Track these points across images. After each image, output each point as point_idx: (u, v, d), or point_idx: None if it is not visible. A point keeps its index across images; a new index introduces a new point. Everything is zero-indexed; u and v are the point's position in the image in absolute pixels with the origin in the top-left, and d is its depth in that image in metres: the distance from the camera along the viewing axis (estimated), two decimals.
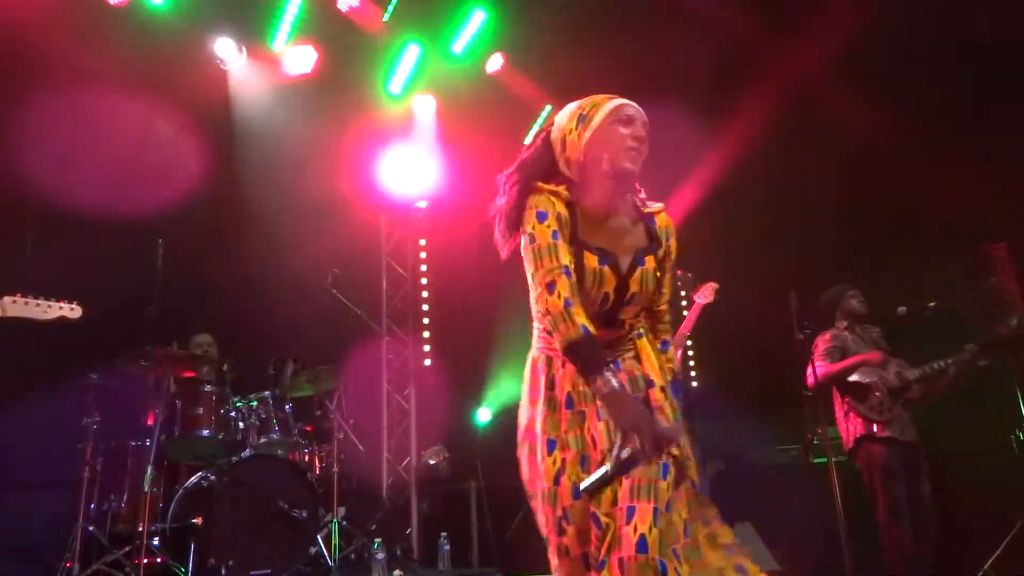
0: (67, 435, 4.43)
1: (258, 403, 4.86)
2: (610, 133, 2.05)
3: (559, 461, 1.94)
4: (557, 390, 1.99)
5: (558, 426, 1.96)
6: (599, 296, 2.00)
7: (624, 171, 2.05)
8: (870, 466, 4.19)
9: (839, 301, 4.49)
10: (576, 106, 2.12)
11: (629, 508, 1.83)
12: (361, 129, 6.59)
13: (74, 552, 4.05)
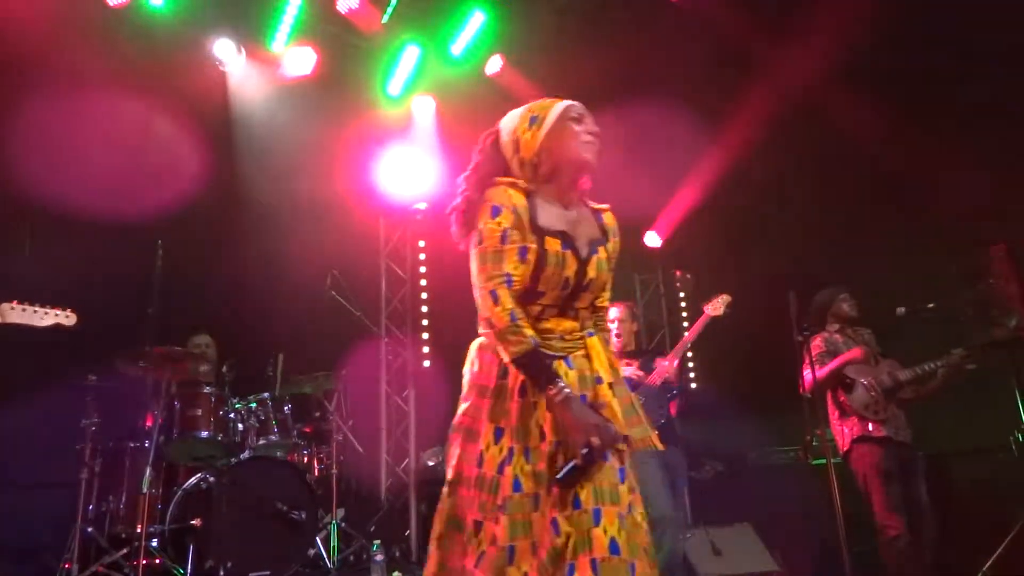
0: (66, 436, 4.43)
1: (257, 404, 4.86)
2: (565, 130, 2.16)
3: (505, 450, 1.95)
4: (510, 379, 2.01)
5: (507, 415, 1.98)
6: (560, 280, 2.05)
7: (584, 162, 2.18)
8: (865, 467, 4.15)
9: (830, 304, 4.48)
10: (525, 109, 2.22)
11: (595, 510, 1.86)
12: (360, 130, 6.59)
13: (73, 553, 4.05)
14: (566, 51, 6.52)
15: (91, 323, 4.83)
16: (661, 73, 6.30)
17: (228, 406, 4.74)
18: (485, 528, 1.91)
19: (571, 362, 2.05)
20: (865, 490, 4.14)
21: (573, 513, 1.86)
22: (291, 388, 5.14)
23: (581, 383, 2.03)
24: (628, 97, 6.28)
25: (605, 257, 2.15)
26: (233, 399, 4.81)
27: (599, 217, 2.25)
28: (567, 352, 2.06)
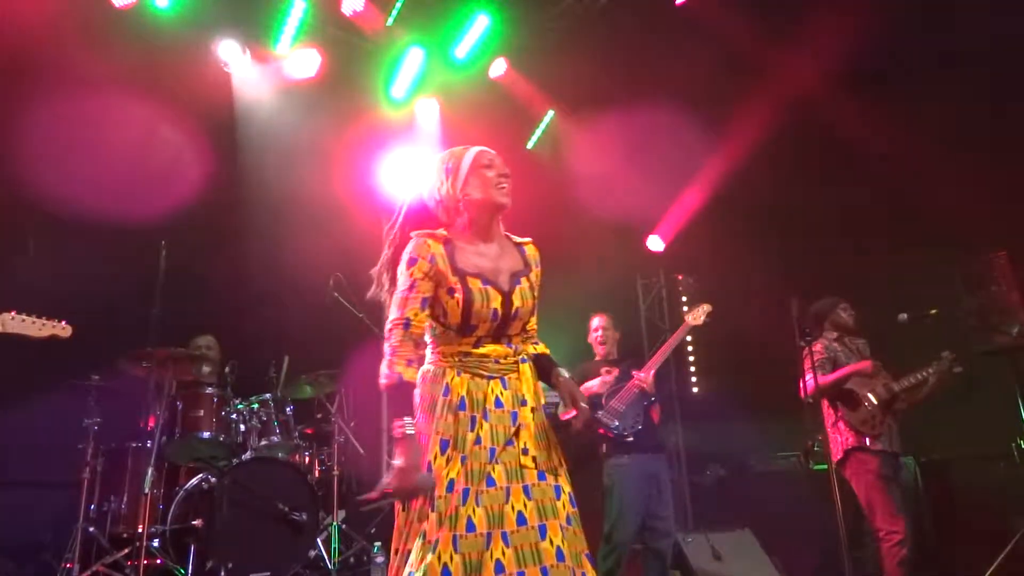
0: (68, 436, 4.44)
1: (259, 405, 4.86)
2: (478, 176, 2.39)
3: (452, 458, 2.18)
4: (452, 395, 2.25)
5: (451, 427, 2.22)
6: (489, 312, 2.29)
7: (498, 204, 2.39)
8: (865, 474, 4.18)
9: (829, 312, 4.53)
10: (439, 161, 2.45)
11: (541, 526, 2.15)
12: (364, 133, 6.60)
13: (74, 553, 4.05)
14: (569, 55, 6.53)
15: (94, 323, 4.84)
16: (664, 77, 6.30)
17: (230, 407, 4.75)
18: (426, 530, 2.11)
19: (506, 383, 2.31)
20: (865, 497, 4.16)
21: (519, 529, 2.12)
22: (293, 389, 5.14)
23: (513, 401, 2.29)
24: (631, 101, 6.30)
25: (528, 287, 2.39)
26: (235, 400, 4.82)
27: (522, 250, 2.47)
28: (503, 374, 2.31)
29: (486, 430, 2.21)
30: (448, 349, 2.32)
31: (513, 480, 2.19)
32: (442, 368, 2.30)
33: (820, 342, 4.40)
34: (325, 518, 4.86)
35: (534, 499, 2.17)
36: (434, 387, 2.28)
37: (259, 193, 6.02)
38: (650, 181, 6.91)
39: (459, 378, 2.27)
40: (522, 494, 2.17)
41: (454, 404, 2.24)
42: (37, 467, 4.86)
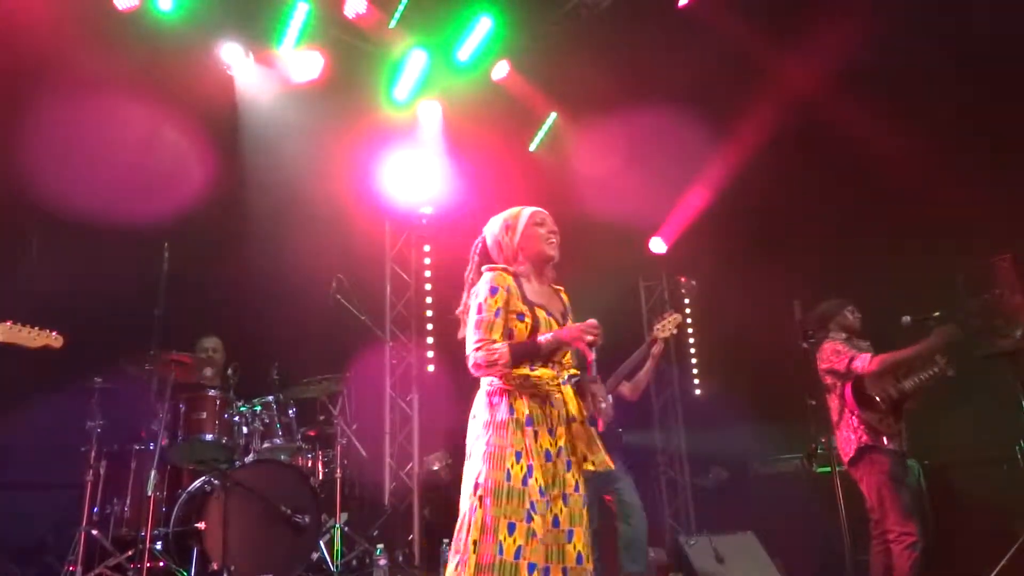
0: (71, 438, 4.44)
1: (262, 408, 4.86)
2: (533, 233, 2.84)
3: (526, 467, 2.55)
4: (517, 414, 2.62)
5: (522, 440, 2.58)
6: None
7: (548, 256, 2.85)
8: (878, 474, 4.14)
9: (835, 315, 4.50)
10: (502, 219, 2.91)
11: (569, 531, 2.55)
12: (366, 135, 6.61)
13: (77, 555, 4.06)
14: (572, 57, 6.54)
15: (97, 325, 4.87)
16: (667, 79, 6.31)
17: (233, 409, 4.75)
18: (518, 528, 2.48)
19: (554, 401, 2.67)
20: (877, 498, 4.12)
21: (552, 530, 2.52)
22: (295, 392, 5.14)
23: (559, 418, 2.67)
24: (634, 103, 6.30)
25: (572, 322, 2.81)
26: (238, 402, 4.82)
27: (560, 296, 2.92)
28: (551, 393, 2.68)
29: (549, 440, 2.62)
30: (509, 373, 2.66)
31: (554, 488, 2.58)
32: (505, 390, 2.67)
33: (831, 341, 4.39)
34: (327, 520, 4.86)
35: (569, 507, 2.57)
36: (500, 407, 2.65)
37: (262, 195, 6.02)
38: (653, 183, 6.91)
39: (520, 399, 2.64)
40: (560, 501, 2.57)
41: (521, 422, 2.61)
42: (40, 469, 4.86)
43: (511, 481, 2.52)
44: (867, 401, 4.26)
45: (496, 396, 2.68)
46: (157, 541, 4.25)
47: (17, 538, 4.64)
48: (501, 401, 2.66)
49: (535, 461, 2.56)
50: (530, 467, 2.54)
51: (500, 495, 2.51)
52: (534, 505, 2.49)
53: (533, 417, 2.62)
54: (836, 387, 4.32)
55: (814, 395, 4.28)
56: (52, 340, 3.49)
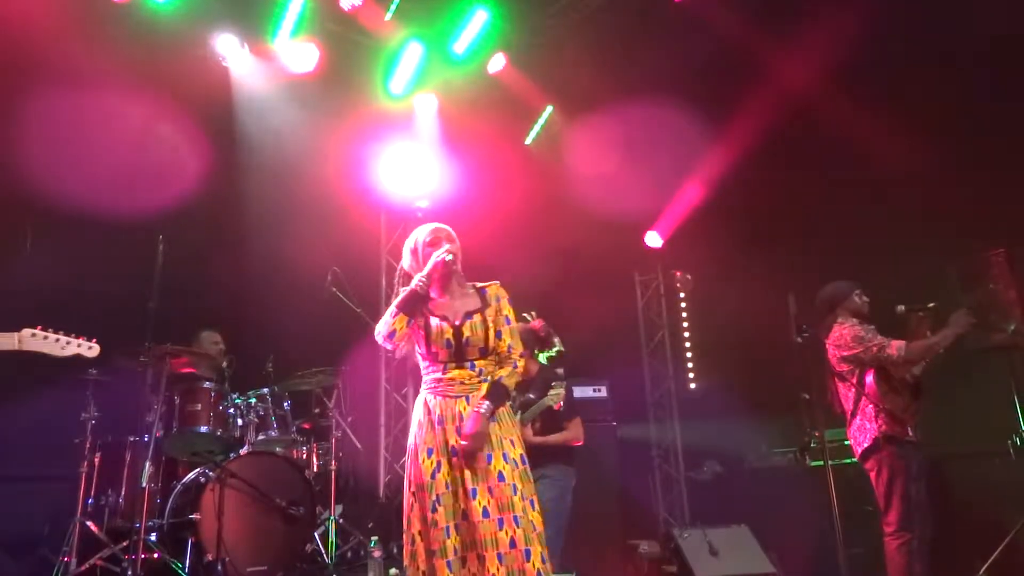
0: (66, 430, 4.44)
1: (256, 400, 4.87)
2: (429, 254, 3.05)
3: (434, 463, 2.82)
4: (432, 415, 2.89)
5: (433, 439, 2.85)
6: (443, 341, 2.94)
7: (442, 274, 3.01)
8: (893, 468, 4.01)
9: (844, 298, 4.36)
10: (408, 248, 3.17)
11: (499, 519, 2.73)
12: (362, 128, 6.60)
13: (72, 546, 4.06)
14: (569, 51, 6.53)
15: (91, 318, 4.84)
16: (662, 74, 6.30)
17: (227, 401, 4.75)
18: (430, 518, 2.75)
19: (469, 399, 2.89)
20: (886, 491, 4.02)
21: (483, 520, 2.71)
22: (290, 384, 5.14)
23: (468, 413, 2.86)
24: (630, 97, 6.30)
25: (481, 320, 2.97)
26: (232, 394, 4.82)
27: (483, 292, 3.07)
28: (467, 392, 2.90)
29: (455, 439, 2.82)
30: (427, 377, 2.98)
31: (479, 481, 2.77)
32: (423, 394, 2.97)
33: (847, 324, 4.23)
34: (322, 512, 4.87)
35: (495, 497, 2.75)
36: (419, 407, 2.95)
37: (257, 187, 6.01)
38: (648, 178, 6.91)
39: (435, 399, 2.91)
40: (487, 493, 2.76)
41: (433, 421, 2.87)
42: (35, 461, 4.86)
43: (424, 476, 2.80)
44: (892, 389, 4.14)
45: (419, 397, 2.99)
46: (152, 532, 4.25)
47: (12, 530, 4.63)
48: (420, 402, 2.97)
49: (443, 457, 2.82)
50: (439, 463, 2.81)
51: (421, 490, 2.79)
52: (439, 498, 2.76)
53: (444, 416, 2.87)
54: (853, 374, 4.18)
55: (808, 389, 4.27)
56: (85, 351, 3.09)
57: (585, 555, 4.91)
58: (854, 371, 4.18)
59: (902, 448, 4.03)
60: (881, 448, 4.04)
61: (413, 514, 2.80)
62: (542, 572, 2.70)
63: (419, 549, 2.75)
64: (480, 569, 2.67)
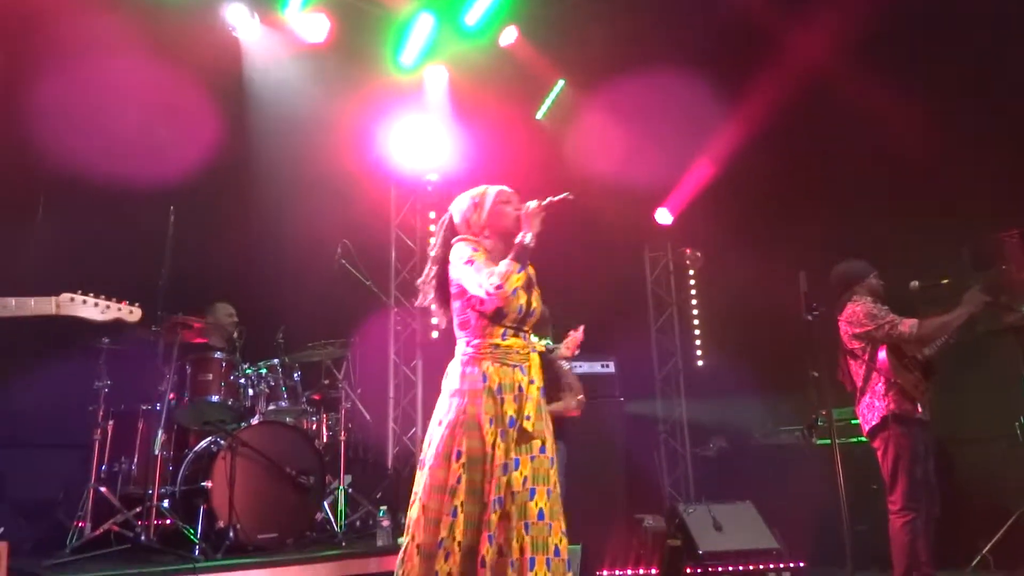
0: (79, 398, 4.49)
1: (267, 371, 4.90)
2: (500, 210, 2.98)
3: (495, 434, 2.73)
4: (489, 382, 2.77)
5: (492, 408, 2.75)
6: (516, 307, 2.83)
7: (515, 233, 2.91)
8: (900, 447, 4.02)
9: (863, 277, 4.34)
10: (469, 197, 3.06)
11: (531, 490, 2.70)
12: (373, 100, 6.56)
13: (86, 512, 4.12)
14: (580, 23, 6.45)
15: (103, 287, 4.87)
16: (675, 48, 6.22)
17: (238, 372, 4.79)
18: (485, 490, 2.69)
19: (524, 370, 2.84)
20: (892, 469, 4.03)
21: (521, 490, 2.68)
22: (301, 355, 5.18)
23: (529, 385, 2.82)
24: (642, 70, 6.23)
25: (537, 294, 2.95)
26: (243, 365, 4.86)
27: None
28: (521, 362, 2.85)
29: (515, 409, 2.76)
30: (482, 342, 2.83)
31: (521, 451, 2.73)
32: (477, 359, 2.81)
33: (861, 302, 4.22)
34: (332, 482, 4.93)
35: (533, 466, 2.73)
36: (474, 376, 2.80)
37: (267, 159, 6.00)
38: (659, 154, 6.87)
39: (492, 367, 2.79)
40: (528, 463, 2.73)
41: (492, 390, 2.76)
42: (50, 429, 4.92)
43: (486, 447, 2.71)
44: (905, 366, 4.13)
45: (470, 366, 2.83)
46: (164, 499, 4.32)
47: (28, 495, 4.72)
48: (475, 370, 2.81)
49: (502, 427, 2.74)
50: (501, 433, 2.73)
51: (475, 463, 2.70)
52: (495, 470, 2.68)
53: (503, 385, 2.78)
54: (865, 351, 4.17)
55: (817, 367, 4.26)
56: (126, 315, 2.96)
57: (590, 528, 4.95)
58: (866, 348, 4.17)
59: (910, 427, 4.04)
60: (889, 426, 4.04)
61: (460, 485, 2.67)
62: (559, 547, 2.69)
63: (460, 521, 2.65)
64: (507, 538, 2.64)
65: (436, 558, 2.63)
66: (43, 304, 2.91)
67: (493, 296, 2.74)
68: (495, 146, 6.62)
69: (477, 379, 2.79)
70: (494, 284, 2.73)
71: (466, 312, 2.86)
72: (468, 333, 2.87)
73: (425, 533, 2.69)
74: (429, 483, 2.75)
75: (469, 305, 2.85)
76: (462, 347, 2.88)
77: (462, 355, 2.87)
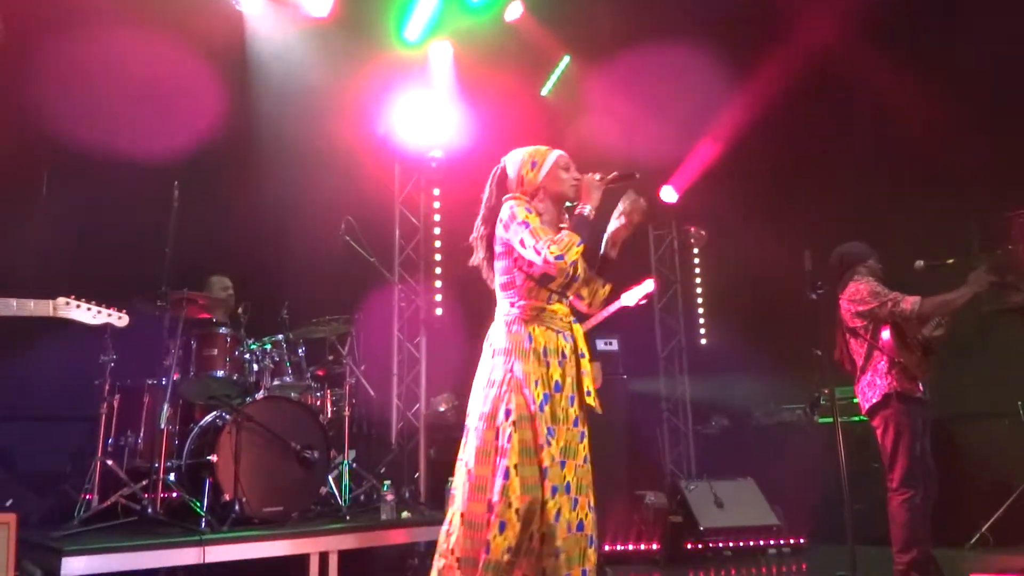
0: (86, 372, 4.51)
1: (272, 346, 4.92)
2: (558, 175, 2.90)
3: (540, 395, 2.64)
4: (535, 343, 2.71)
5: (538, 369, 2.68)
6: (567, 273, 2.76)
7: (570, 199, 2.90)
8: (900, 425, 4.03)
9: (866, 258, 4.35)
10: (527, 154, 2.93)
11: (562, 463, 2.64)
12: (377, 75, 6.52)
13: (93, 484, 4.16)
14: None
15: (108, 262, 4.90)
16: (682, 24, 6.17)
17: (243, 347, 4.81)
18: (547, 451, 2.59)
19: (567, 337, 2.80)
20: (892, 447, 4.05)
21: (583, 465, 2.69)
22: (305, 331, 5.19)
23: (572, 353, 2.79)
24: (648, 47, 6.18)
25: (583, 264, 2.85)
26: (248, 340, 4.88)
27: None
28: (564, 329, 2.80)
29: (559, 373, 2.71)
30: (528, 304, 2.76)
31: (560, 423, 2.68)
32: (524, 320, 2.75)
33: (863, 280, 4.22)
34: (336, 457, 4.96)
35: (565, 439, 2.67)
36: (521, 336, 2.72)
37: (271, 134, 5.99)
38: (665, 131, 6.82)
39: (538, 330, 2.73)
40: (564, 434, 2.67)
41: (539, 351, 2.70)
42: (56, 402, 4.96)
43: (533, 408, 2.61)
44: (907, 345, 4.14)
45: (516, 325, 2.75)
46: (170, 472, 4.36)
47: (36, 467, 4.76)
48: (521, 330, 2.73)
49: (547, 391, 2.66)
50: (546, 396, 2.64)
51: (524, 421, 2.60)
52: (550, 431, 2.61)
53: (548, 348, 2.71)
54: (867, 330, 4.18)
55: (820, 346, 4.27)
56: (115, 320, 3.31)
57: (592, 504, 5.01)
58: (868, 326, 4.17)
59: (911, 405, 4.05)
60: (891, 404, 4.05)
61: (511, 445, 2.55)
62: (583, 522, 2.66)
63: (515, 485, 2.52)
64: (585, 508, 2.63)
65: (487, 527, 2.51)
66: (42, 306, 3.16)
67: (551, 265, 2.64)
68: (500, 122, 6.58)
69: (524, 339, 2.71)
70: (554, 254, 2.63)
71: (512, 272, 2.79)
72: (513, 294, 2.79)
73: (471, 501, 2.58)
74: (479, 447, 2.64)
75: (516, 266, 2.77)
76: (505, 307, 2.81)
77: (506, 315, 2.79)
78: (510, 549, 2.49)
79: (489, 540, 2.49)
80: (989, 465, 5.46)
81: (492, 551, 2.49)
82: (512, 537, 2.49)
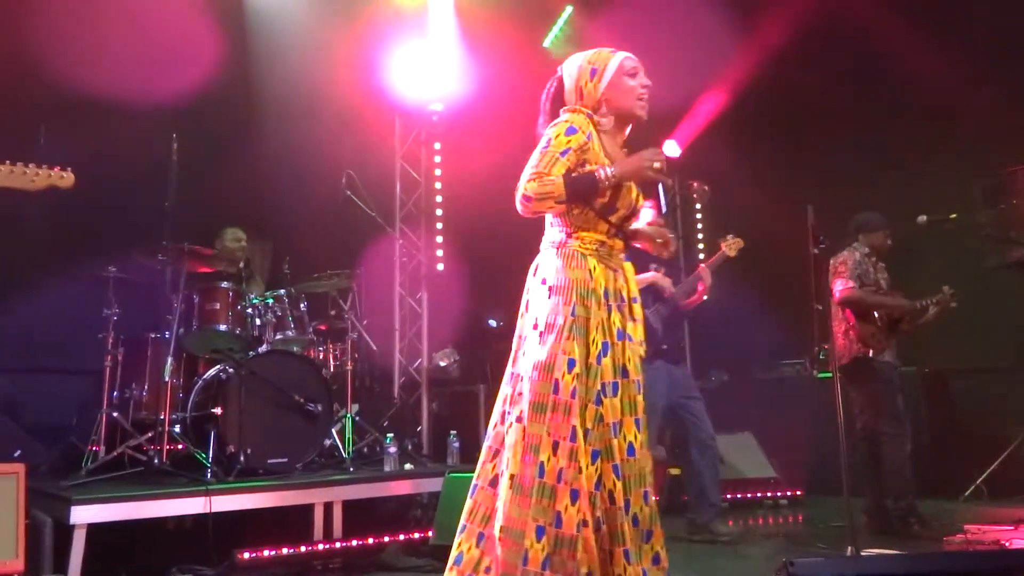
0: (89, 326, 4.54)
1: (274, 300, 4.94)
2: (622, 83, 2.49)
3: (598, 343, 2.30)
4: (595, 283, 2.35)
5: (599, 314, 2.33)
6: (631, 199, 2.44)
7: (637, 117, 2.52)
8: (869, 382, 4.38)
9: (872, 230, 4.55)
10: (585, 60, 2.53)
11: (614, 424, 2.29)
12: (377, 26, 6.40)
13: (99, 436, 4.22)
14: None
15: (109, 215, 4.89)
16: None
17: (245, 301, 4.82)
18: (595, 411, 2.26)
19: (623, 278, 2.46)
20: (869, 402, 4.38)
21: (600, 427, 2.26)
22: (307, 286, 5.20)
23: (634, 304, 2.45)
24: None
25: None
26: (250, 294, 4.89)
27: None
28: (619, 267, 2.46)
29: (618, 319, 2.37)
30: (588, 236, 2.40)
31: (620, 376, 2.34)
32: (583, 254, 2.39)
33: (850, 253, 4.50)
34: (339, 410, 5.02)
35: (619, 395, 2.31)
36: (579, 271, 2.35)
37: (270, 87, 5.92)
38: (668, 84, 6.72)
39: (600, 267, 2.38)
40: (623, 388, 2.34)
41: (599, 293, 2.35)
42: (61, 355, 5.00)
43: (590, 358, 2.28)
44: (864, 315, 4.43)
45: (574, 260, 2.37)
46: (175, 425, 4.41)
47: (43, 420, 4.82)
48: (581, 264, 2.36)
49: (609, 339, 2.32)
50: (605, 345, 2.30)
51: (583, 374, 2.26)
52: (604, 387, 2.27)
53: (608, 290, 2.37)
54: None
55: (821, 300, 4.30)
56: (58, 180, 2.96)
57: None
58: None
59: (876, 365, 4.36)
60: (855, 364, 4.40)
61: (575, 401, 2.24)
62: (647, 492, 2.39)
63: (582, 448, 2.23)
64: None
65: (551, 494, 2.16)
66: None
67: (518, 196, 2.31)
68: (502, 75, 6.48)
69: (584, 277, 2.33)
70: (530, 191, 2.28)
71: None
72: (567, 224, 2.40)
73: (523, 464, 2.21)
74: (532, 400, 2.25)
75: None
76: (560, 238, 2.40)
77: (564, 248, 2.39)
78: (585, 523, 2.15)
79: (559, 511, 2.15)
80: (986, 418, 5.52)
81: (565, 524, 2.14)
82: (585, 507, 2.16)
